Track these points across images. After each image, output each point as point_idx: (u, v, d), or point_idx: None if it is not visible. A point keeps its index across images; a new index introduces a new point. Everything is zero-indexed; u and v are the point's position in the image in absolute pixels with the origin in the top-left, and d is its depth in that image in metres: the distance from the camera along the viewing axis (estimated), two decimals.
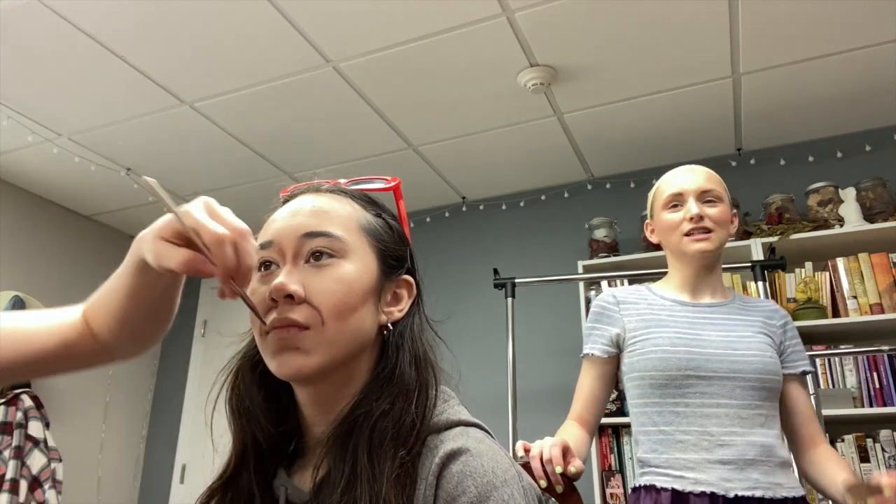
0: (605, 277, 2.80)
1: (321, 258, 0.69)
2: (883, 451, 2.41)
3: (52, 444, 3.05)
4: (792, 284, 2.75)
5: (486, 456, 0.64)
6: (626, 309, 1.46)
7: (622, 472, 2.73)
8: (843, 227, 2.69)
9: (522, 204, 3.58)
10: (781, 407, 1.39)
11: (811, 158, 3.04)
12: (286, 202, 0.76)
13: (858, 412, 2.46)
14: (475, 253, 3.60)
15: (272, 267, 0.70)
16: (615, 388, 2.13)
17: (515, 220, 3.59)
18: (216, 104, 2.81)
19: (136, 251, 0.64)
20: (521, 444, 1.18)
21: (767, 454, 1.29)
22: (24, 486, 2.86)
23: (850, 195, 2.74)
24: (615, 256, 3.07)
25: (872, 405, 2.47)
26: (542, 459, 1.12)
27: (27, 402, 3.06)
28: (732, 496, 1.24)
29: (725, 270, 2.66)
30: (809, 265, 2.76)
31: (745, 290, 2.76)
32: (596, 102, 2.83)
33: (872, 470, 2.39)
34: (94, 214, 3.89)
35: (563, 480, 1.10)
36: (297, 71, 2.60)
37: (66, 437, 3.45)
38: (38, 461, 2.95)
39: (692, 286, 1.45)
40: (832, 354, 2.52)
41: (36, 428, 3.02)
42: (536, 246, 3.48)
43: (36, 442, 2.99)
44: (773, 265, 2.40)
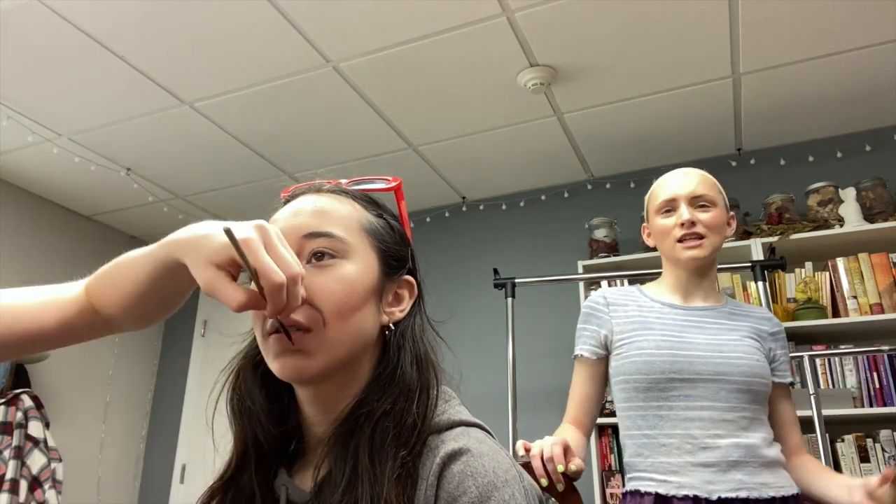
0: (605, 277, 2.80)
1: (322, 258, 0.69)
2: (883, 451, 2.41)
3: (52, 444, 3.05)
4: (792, 284, 2.75)
5: (486, 456, 0.65)
6: (615, 311, 1.46)
7: (622, 472, 2.73)
8: (843, 227, 2.69)
9: (522, 204, 3.58)
10: (769, 415, 1.38)
11: (811, 158, 3.04)
12: (287, 202, 0.76)
13: (858, 412, 2.46)
14: (475, 253, 3.60)
15: None
16: None
17: (515, 220, 3.59)
18: (216, 104, 2.81)
19: (169, 253, 0.62)
20: (521, 443, 1.18)
21: (752, 455, 1.27)
22: (24, 486, 2.85)
23: (850, 195, 2.74)
24: (615, 256, 3.07)
25: (872, 405, 2.48)
26: (542, 458, 1.12)
27: (27, 402, 3.05)
28: (716, 498, 1.23)
29: (725, 271, 2.67)
30: (809, 265, 2.76)
31: (745, 290, 2.77)
32: (596, 102, 2.83)
33: (872, 470, 2.39)
34: (94, 214, 3.89)
35: (563, 479, 1.10)
36: (296, 71, 2.60)
37: (66, 437, 3.45)
38: (38, 461, 2.95)
39: (684, 290, 1.45)
40: (832, 354, 2.52)
41: (36, 428, 3.02)
42: (536, 246, 3.48)
43: (36, 442, 2.99)
44: (773, 265, 2.40)
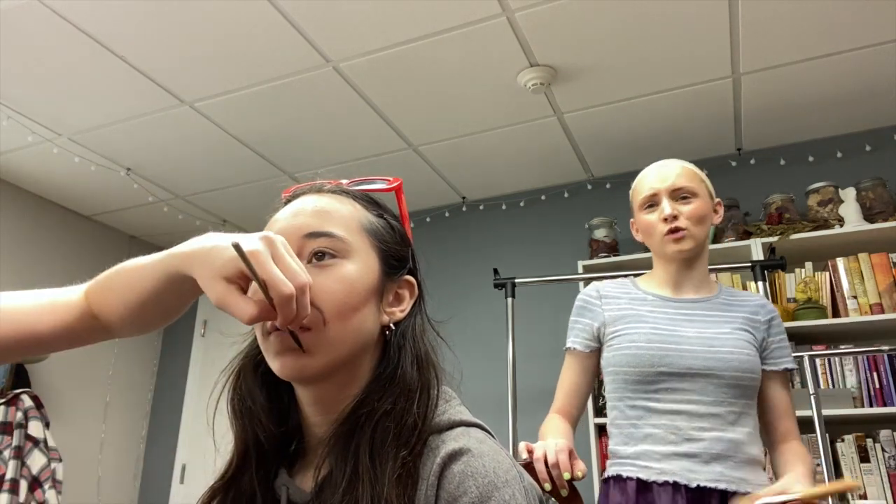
0: (605, 277, 2.77)
1: (323, 258, 0.69)
2: (883, 451, 2.41)
3: (52, 444, 3.05)
4: (792, 284, 2.75)
5: (487, 456, 0.65)
6: (608, 303, 1.47)
7: None
8: (843, 227, 2.69)
9: (522, 204, 3.58)
10: (760, 402, 1.39)
11: (811, 158, 3.04)
12: (288, 202, 0.76)
13: (858, 412, 2.46)
14: (475, 253, 3.60)
15: None
16: None
17: (515, 220, 3.59)
18: (216, 104, 2.81)
19: (176, 266, 0.63)
20: (524, 444, 1.18)
21: (735, 450, 1.29)
22: (24, 486, 2.85)
23: (850, 195, 2.74)
24: (615, 256, 3.07)
25: (872, 405, 2.48)
26: (545, 462, 1.12)
27: (27, 402, 3.05)
28: (695, 486, 1.25)
29: (725, 270, 2.67)
30: (809, 265, 2.76)
31: (745, 290, 2.76)
32: (596, 102, 2.83)
33: (872, 470, 2.39)
34: (94, 214, 3.89)
35: (567, 485, 1.10)
36: (296, 71, 2.60)
37: (66, 437, 3.45)
38: (38, 461, 2.95)
39: (675, 282, 1.46)
40: (832, 354, 2.52)
41: (36, 428, 3.02)
42: (536, 246, 3.48)
43: (36, 442, 2.99)
44: (773, 265, 2.40)
